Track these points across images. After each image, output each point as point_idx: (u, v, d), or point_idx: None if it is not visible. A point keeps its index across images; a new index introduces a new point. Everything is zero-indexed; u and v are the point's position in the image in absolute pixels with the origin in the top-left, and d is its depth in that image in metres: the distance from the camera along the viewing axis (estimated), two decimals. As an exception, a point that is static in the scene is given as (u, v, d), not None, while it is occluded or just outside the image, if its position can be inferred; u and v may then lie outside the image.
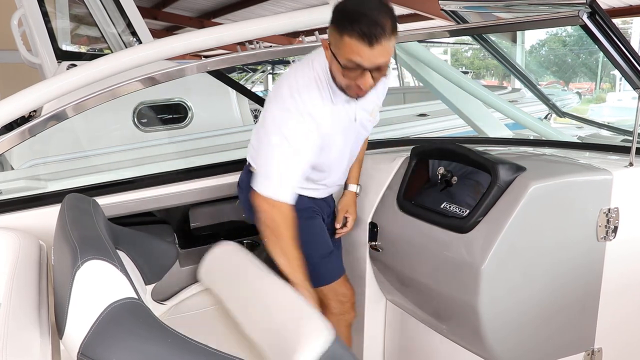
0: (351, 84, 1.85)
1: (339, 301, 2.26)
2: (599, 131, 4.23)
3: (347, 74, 1.82)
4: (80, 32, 6.02)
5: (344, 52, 1.77)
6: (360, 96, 1.93)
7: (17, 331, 1.28)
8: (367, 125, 2.22)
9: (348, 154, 2.22)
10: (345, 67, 1.80)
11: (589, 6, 1.86)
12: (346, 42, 1.74)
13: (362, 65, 1.77)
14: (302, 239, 2.10)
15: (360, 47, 1.73)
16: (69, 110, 2.24)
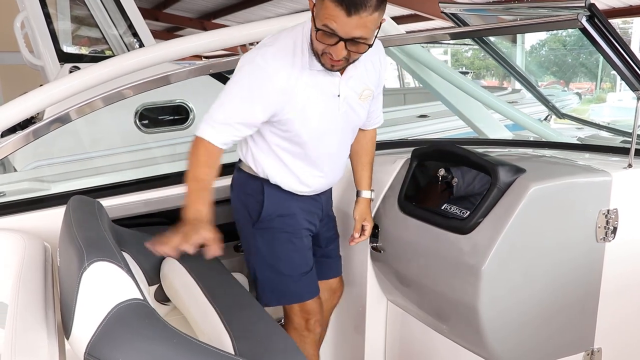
0: (325, 50, 1.78)
1: (302, 317, 2.18)
2: (599, 132, 4.24)
3: (322, 39, 1.75)
4: (81, 34, 6.04)
5: (322, 15, 1.70)
6: (335, 67, 1.85)
7: (24, 331, 1.30)
8: (357, 109, 2.08)
9: (338, 137, 2.11)
10: (320, 31, 1.73)
11: (587, 9, 1.88)
12: (326, 5, 1.68)
13: (336, 33, 1.70)
14: (275, 254, 2.12)
15: (338, 13, 1.66)
16: (73, 113, 2.26)
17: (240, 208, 2.18)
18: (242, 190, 2.17)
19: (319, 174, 2.13)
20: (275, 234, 2.12)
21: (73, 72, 2.48)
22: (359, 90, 2.04)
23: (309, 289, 2.19)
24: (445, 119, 5.86)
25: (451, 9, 2.61)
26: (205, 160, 1.90)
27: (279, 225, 2.12)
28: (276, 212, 2.11)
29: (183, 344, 1.17)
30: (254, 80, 1.86)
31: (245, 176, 2.14)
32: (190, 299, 1.93)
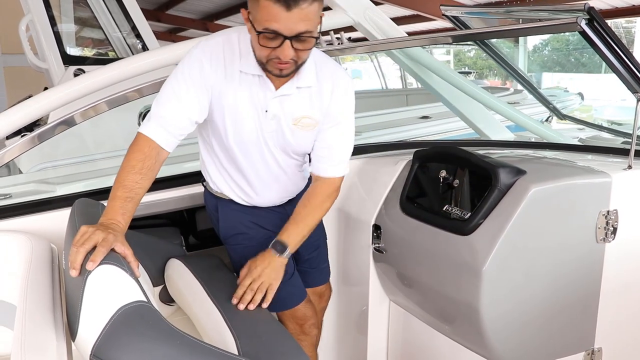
0: (271, 55, 1.67)
1: (295, 323, 2.12)
2: (600, 133, 4.25)
3: (266, 43, 1.64)
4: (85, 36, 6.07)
5: (261, 19, 1.61)
6: (284, 72, 1.73)
7: (33, 332, 1.32)
8: (289, 134, 1.93)
9: (265, 155, 1.97)
10: (261, 34, 1.63)
11: (587, 13, 1.90)
12: (262, 6, 1.58)
13: (280, 33, 1.61)
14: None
15: (277, 10, 1.57)
16: (77, 116, 2.28)
17: (214, 222, 2.21)
18: (207, 206, 2.21)
19: (250, 190, 2.05)
20: (243, 249, 2.03)
21: (78, 76, 2.50)
22: (296, 115, 1.90)
23: (293, 295, 2.10)
24: (447, 120, 5.87)
25: (452, 11, 2.63)
26: (140, 163, 1.70)
27: (243, 241, 2.06)
28: (233, 230, 2.07)
29: (187, 344, 1.19)
30: (191, 70, 1.78)
31: (206, 193, 2.18)
32: (195, 300, 1.95)
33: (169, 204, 2.41)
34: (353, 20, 2.91)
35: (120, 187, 1.65)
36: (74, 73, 4.70)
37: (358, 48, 2.72)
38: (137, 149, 1.73)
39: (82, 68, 4.75)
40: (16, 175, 4.12)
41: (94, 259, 1.33)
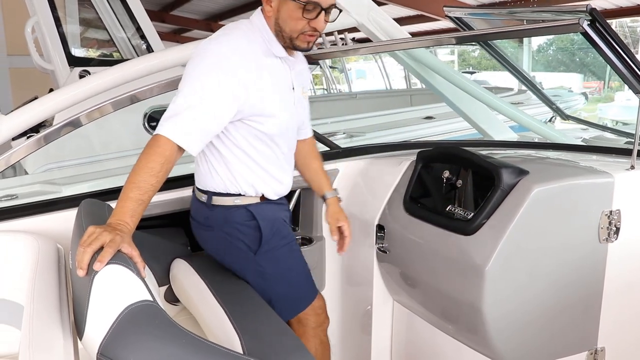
0: (306, 27, 1.83)
1: (315, 314, 2.15)
2: (603, 133, 4.25)
3: (306, 15, 1.80)
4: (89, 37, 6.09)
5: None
6: (310, 45, 1.90)
7: (41, 331, 1.34)
8: (303, 105, 2.12)
9: (294, 133, 2.11)
10: (305, 7, 1.79)
11: (589, 14, 1.91)
12: None
13: (320, 4, 1.80)
14: (284, 269, 2.05)
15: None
16: (83, 117, 2.30)
17: (231, 243, 2.02)
18: (228, 224, 2.01)
19: (284, 176, 2.10)
20: (277, 251, 2.04)
21: (84, 78, 2.53)
22: (303, 85, 2.09)
23: (314, 285, 2.18)
24: (451, 120, 5.88)
25: (456, 13, 2.64)
26: (159, 166, 1.65)
27: (278, 242, 2.05)
28: (272, 229, 2.03)
29: (192, 344, 1.20)
30: (221, 69, 1.77)
31: (224, 210, 2.00)
32: (200, 300, 1.96)
33: (174, 204, 2.42)
34: (357, 22, 2.92)
35: (135, 187, 1.61)
36: (79, 74, 4.73)
37: (361, 49, 2.73)
38: (158, 151, 1.67)
39: (87, 69, 4.78)
40: (22, 176, 4.15)
41: (101, 260, 1.33)
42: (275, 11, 1.86)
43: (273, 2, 1.85)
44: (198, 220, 2.10)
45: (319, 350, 2.16)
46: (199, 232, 2.13)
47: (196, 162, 2.04)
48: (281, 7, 1.84)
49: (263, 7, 1.90)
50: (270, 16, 1.88)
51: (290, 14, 1.82)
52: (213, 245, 2.10)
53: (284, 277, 2.07)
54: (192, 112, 1.72)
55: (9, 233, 2.02)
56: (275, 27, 1.88)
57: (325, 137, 2.93)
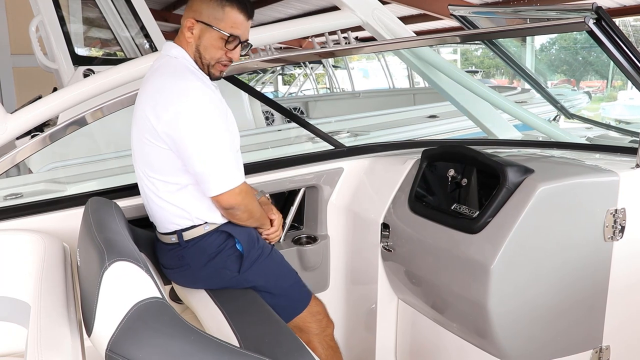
0: (223, 57, 1.93)
1: (316, 320, 2.15)
2: (608, 132, 4.25)
3: (227, 46, 1.91)
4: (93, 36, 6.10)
5: (226, 24, 1.88)
6: (223, 74, 2.01)
7: (48, 329, 1.35)
8: None
9: None
10: (227, 40, 1.89)
11: (594, 12, 1.91)
12: (228, 13, 1.88)
13: (240, 38, 1.91)
14: (272, 277, 2.06)
15: (242, 19, 1.90)
16: (88, 116, 2.31)
17: (213, 273, 2.01)
18: (205, 255, 1.99)
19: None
20: (260, 263, 2.04)
21: (88, 77, 2.53)
22: None
23: (306, 288, 2.17)
24: (454, 119, 5.87)
25: (460, 11, 2.64)
26: (251, 191, 1.98)
27: (258, 253, 2.05)
28: (250, 243, 2.03)
29: (201, 341, 1.21)
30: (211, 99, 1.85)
31: (198, 241, 1.97)
32: (199, 303, 1.97)
33: None
34: (361, 20, 2.92)
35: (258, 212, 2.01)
36: (83, 73, 4.74)
37: (366, 48, 2.73)
38: (249, 188, 1.95)
39: (91, 68, 4.79)
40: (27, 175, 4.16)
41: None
42: (197, 38, 1.92)
43: (195, 29, 1.91)
44: (171, 265, 2.04)
45: (329, 355, 2.15)
46: (175, 276, 2.08)
47: (153, 211, 2.00)
48: (203, 35, 1.91)
49: (180, 35, 1.94)
50: (190, 42, 1.93)
51: (212, 42, 1.91)
52: (195, 281, 2.06)
53: (274, 286, 2.07)
54: (228, 155, 1.85)
55: (15, 231, 2.03)
56: (194, 53, 1.95)
57: (330, 135, 2.94)
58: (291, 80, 17.67)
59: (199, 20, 1.89)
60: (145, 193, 1.99)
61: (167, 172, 1.89)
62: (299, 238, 2.76)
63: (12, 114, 2.24)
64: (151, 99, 1.84)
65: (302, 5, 12.91)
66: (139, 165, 1.96)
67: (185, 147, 1.81)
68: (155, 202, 1.96)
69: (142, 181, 1.98)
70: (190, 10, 1.92)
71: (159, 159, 1.88)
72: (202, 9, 1.89)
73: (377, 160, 2.70)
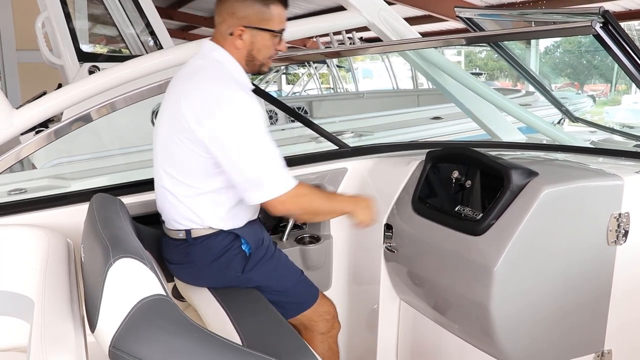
0: (274, 52, 1.98)
1: (323, 319, 2.16)
2: (612, 136, 4.24)
3: (279, 41, 1.96)
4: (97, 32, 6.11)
5: (276, 21, 1.91)
6: (270, 66, 2.08)
7: (52, 325, 1.35)
8: None
9: None
10: (280, 34, 1.94)
11: (601, 16, 1.90)
12: (274, 11, 1.90)
13: (284, 30, 1.96)
14: (275, 277, 2.06)
15: (284, 12, 1.94)
16: (93, 112, 2.31)
17: (216, 272, 2.01)
18: (210, 254, 1.98)
19: None
20: (264, 263, 2.04)
21: (94, 73, 2.54)
22: None
23: (312, 287, 2.18)
24: (458, 121, 5.87)
25: (466, 13, 2.64)
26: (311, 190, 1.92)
27: (262, 254, 2.05)
28: (256, 244, 2.04)
29: (204, 338, 1.21)
30: (254, 110, 1.82)
31: (205, 240, 1.97)
32: (202, 301, 1.98)
33: None
34: (367, 21, 2.92)
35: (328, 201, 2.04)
36: (88, 70, 4.74)
37: (372, 48, 2.73)
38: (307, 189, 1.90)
39: (96, 65, 4.79)
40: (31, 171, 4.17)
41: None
42: (249, 44, 1.92)
43: (245, 35, 1.90)
44: (176, 260, 2.05)
45: (326, 357, 2.16)
46: (179, 272, 2.09)
47: (164, 206, 2.00)
48: (255, 39, 1.92)
49: (228, 43, 1.91)
50: (241, 48, 1.92)
51: (265, 43, 1.93)
52: (199, 279, 2.06)
53: (277, 285, 2.08)
54: (279, 161, 1.83)
55: (19, 227, 2.03)
56: (247, 57, 1.95)
57: (334, 135, 2.94)
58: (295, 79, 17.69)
59: (247, 26, 1.89)
60: (160, 188, 1.98)
61: (193, 175, 1.88)
62: (302, 237, 2.76)
63: (18, 110, 2.24)
64: (192, 102, 1.81)
65: (308, 5, 12.91)
66: (161, 161, 1.95)
67: (232, 153, 1.78)
68: (169, 199, 1.95)
69: (160, 177, 1.96)
70: (235, 18, 1.89)
71: (188, 162, 1.87)
72: (249, 14, 1.88)
73: (381, 161, 2.70)
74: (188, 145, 1.83)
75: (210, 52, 1.93)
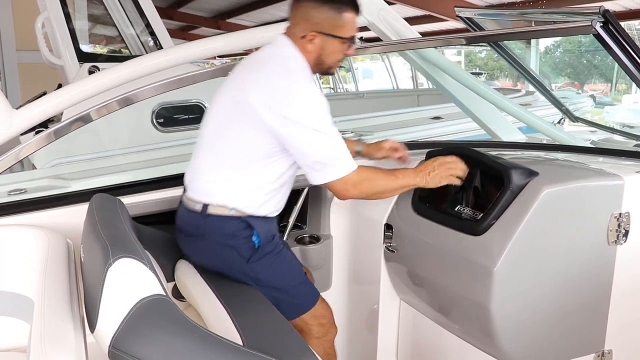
0: (342, 58, 2.04)
1: (319, 324, 2.16)
2: (612, 136, 4.24)
3: (348, 47, 2.00)
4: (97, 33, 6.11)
5: (347, 29, 1.96)
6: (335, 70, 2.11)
7: (52, 325, 1.35)
8: None
9: None
10: (348, 42, 1.98)
11: (602, 16, 1.90)
12: (346, 18, 1.94)
13: (355, 36, 2.00)
14: (278, 273, 2.07)
15: (355, 18, 1.97)
16: (93, 113, 2.31)
17: (222, 253, 2.04)
18: (220, 233, 2.02)
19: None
20: (269, 258, 2.06)
21: (94, 74, 2.54)
22: None
23: (314, 290, 2.19)
24: (458, 120, 5.87)
25: (466, 13, 2.64)
26: (372, 173, 2.01)
27: (270, 249, 2.07)
28: (266, 239, 2.06)
29: (204, 338, 1.21)
30: (322, 100, 1.91)
31: (218, 219, 2.01)
32: (203, 300, 1.97)
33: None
34: (367, 21, 2.92)
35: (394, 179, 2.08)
36: (88, 70, 4.75)
37: (372, 48, 2.73)
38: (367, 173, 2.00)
39: (96, 65, 4.79)
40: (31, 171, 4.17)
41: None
42: (319, 48, 1.98)
43: (316, 40, 1.96)
44: (187, 232, 2.09)
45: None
46: (188, 244, 2.13)
47: (202, 171, 2.04)
48: (325, 44, 1.97)
49: (300, 44, 1.98)
50: (311, 52, 1.98)
51: (335, 49, 1.99)
52: (204, 255, 2.09)
53: (279, 282, 2.08)
54: (339, 142, 1.93)
55: (19, 227, 2.03)
56: (316, 60, 2.01)
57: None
58: (295, 79, 17.62)
59: (319, 32, 1.95)
60: (197, 159, 2.06)
61: (242, 156, 1.97)
62: (302, 237, 2.76)
63: (18, 110, 2.24)
64: (262, 91, 1.90)
65: (307, 5, 12.89)
66: (211, 136, 2.03)
67: (302, 138, 1.89)
68: (203, 171, 2.03)
69: (203, 149, 2.05)
70: (308, 23, 1.95)
71: (243, 144, 1.95)
72: (322, 20, 1.94)
73: (381, 161, 2.70)
74: (251, 129, 1.91)
75: (282, 49, 2.00)
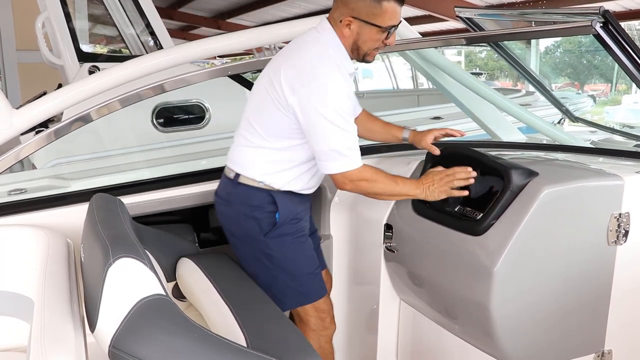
0: (379, 45, 2.02)
1: (319, 317, 2.22)
2: (612, 136, 4.24)
3: (384, 36, 1.99)
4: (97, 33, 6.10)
5: (385, 18, 1.94)
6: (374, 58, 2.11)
7: (52, 324, 1.35)
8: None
9: None
10: (386, 31, 1.97)
11: (602, 16, 1.90)
12: (385, 7, 1.93)
13: (396, 25, 1.99)
14: (290, 256, 2.13)
15: (397, 8, 1.96)
16: (93, 112, 2.31)
17: (244, 222, 2.14)
18: (246, 203, 2.13)
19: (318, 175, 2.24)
20: (287, 239, 2.14)
21: (94, 74, 2.53)
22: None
23: (322, 285, 2.23)
24: (459, 121, 5.86)
25: (466, 13, 2.64)
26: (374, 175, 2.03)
27: (290, 230, 2.14)
28: (288, 217, 2.13)
29: (204, 338, 1.21)
30: (344, 92, 1.95)
31: (247, 189, 2.12)
32: (206, 298, 1.97)
33: (183, 201, 2.44)
34: (367, 21, 2.91)
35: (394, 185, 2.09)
36: (88, 70, 4.74)
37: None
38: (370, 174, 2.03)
39: (96, 65, 4.79)
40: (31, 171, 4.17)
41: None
42: (355, 34, 1.99)
43: (352, 25, 1.98)
44: (220, 196, 2.22)
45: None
46: (219, 208, 2.24)
47: (239, 142, 2.15)
48: (362, 31, 1.98)
49: (338, 28, 2.01)
50: (347, 37, 2.01)
51: (371, 36, 1.99)
52: (228, 220, 2.20)
53: (289, 265, 2.14)
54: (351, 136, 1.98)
55: (19, 227, 2.03)
56: (352, 46, 2.03)
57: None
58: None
59: (356, 18, 1.96)
60: (238, 136, 2.15)
61: (272, 133, 2.04)
62: (302, 237, 2.75)
63: (18, 110, 2.24)
64: (291, 72, 1.96)
65: (308, 5, 12.91)
66: (251, 113, 2.11)
67: (314, 125, 1.94)
68: (241, 144, 2.12)
69: (243, 126, 2.13)
70: (346, 7, 1.97)
71: (273, 121, 2.02)
72: (359, 7, 1.94)
73: (381, 161, 2.70)
74: (279, 108, 1.98)
75: (323, 32, 2.04)
